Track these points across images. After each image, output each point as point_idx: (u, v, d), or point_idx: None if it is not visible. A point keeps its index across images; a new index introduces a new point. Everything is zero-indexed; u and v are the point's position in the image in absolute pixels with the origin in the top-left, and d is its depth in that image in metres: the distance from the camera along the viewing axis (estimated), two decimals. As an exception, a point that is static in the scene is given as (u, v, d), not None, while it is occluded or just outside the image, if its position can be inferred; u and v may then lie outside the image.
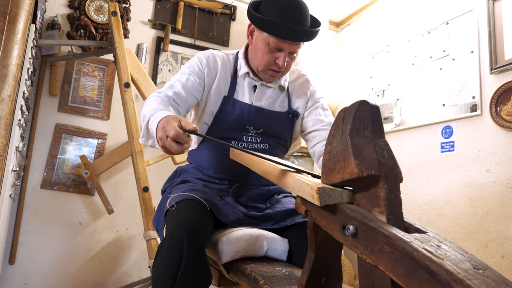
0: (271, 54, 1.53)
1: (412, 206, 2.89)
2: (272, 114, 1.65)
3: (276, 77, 1.63)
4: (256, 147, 1.63)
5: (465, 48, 2.65)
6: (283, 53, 1.53)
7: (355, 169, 0.79)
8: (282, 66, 1.54)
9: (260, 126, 1.62)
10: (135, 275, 3.12)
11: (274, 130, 1.65)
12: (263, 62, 1.56)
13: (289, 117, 1.69)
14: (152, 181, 2.69)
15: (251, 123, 1.61)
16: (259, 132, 1.63)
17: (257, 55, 1.58)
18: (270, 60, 1.54)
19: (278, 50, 1.52)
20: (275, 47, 1.51)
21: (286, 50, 1.52)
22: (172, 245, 1.23)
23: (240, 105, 1.61)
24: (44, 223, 2.89)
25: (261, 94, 1.66)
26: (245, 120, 1.60)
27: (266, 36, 1.50)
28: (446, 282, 0.55)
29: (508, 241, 2.24)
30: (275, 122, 1.65)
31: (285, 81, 1.71)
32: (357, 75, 3.73)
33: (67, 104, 3.03)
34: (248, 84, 1.66)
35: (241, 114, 1.60)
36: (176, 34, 3.49)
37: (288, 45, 1.51)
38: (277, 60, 1.54)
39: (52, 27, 2.96)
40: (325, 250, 0.98)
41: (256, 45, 1.58)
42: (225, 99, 1.62)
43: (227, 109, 1.61)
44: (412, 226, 0.76)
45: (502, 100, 2.36)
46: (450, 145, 2.68)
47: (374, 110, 0.87)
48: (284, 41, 1.49)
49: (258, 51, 1.56)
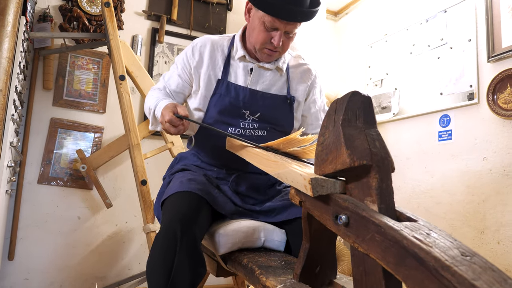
0: (267, 33, 1.52)
1: (410, 195, 2.90)
2: (267, 96, 1.63)
3: (273, 56, 1.61)
4: (253, 133, 1.60)
5: (463, 36, 2.64)
6: (278, 32, 1.51)
7: (347, 159, 0.80)
8: (277, 45, 1.52)
9: (256, 110, 1.60)
10: (135, 267, 3.13)
11: (271, 115, 1.62)
12: (259, 40, 1.54)
13: (287, 103, 1.67)
14: (150, 174, 2.69)
15: (246, 106, 1.59)
16: (256, 117, 1.61)
17: (253, 33, 1.56)
18: (266, 39, 1.53)
19: (274, 29, 1.51)
20: (270, 26, 1.50)
21: (282, 29, 1.51)
22: (166, 240, 1.24)
23: (235, 88, 1.60)
24: (42, 218, 2.89)
25: (257, 77, 1.64)
26: (239, 103, 1.59)
27: (262, 15, 1.49)
28: (433, 269, 0.56)
29: (504, 227, 2.25)
30: (271, 106, 1.63)
31: (284, 64, 1.69)
32: (355, 65, 3.72)
33: (62, 98, 3.02)
34: (243, 67, 1.64)
35: (235, 97, 1.59)
36: (172, 25, 3.47)
37: (283, 25, 1.49)
38: (273, 40, 1.52)
39: (43, 19, 2.92)
40: (319, 240, 0.99)
41: (252, 24, 1.57)
42: (219, 82, 1.61)
43: (221, 92, 1.60)
44: (404, 215, 0.76)
45: (499, 88, 2.35)
46: (447, 133, 2.69)
47: (366, 101, 0.87)
48: (279, 20, 1.47)
49: (255, 29, 1.55)
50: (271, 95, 1.64)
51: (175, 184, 1.47)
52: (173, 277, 1.20)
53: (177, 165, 1.69)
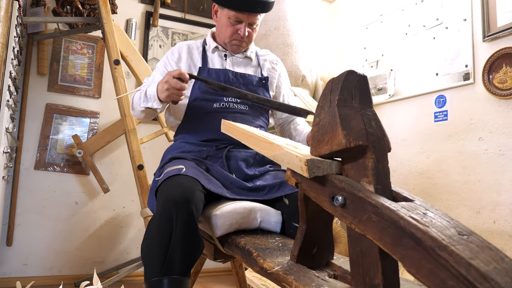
0: (233, 26, 1.75)
1: (406, 176, 2.91)
2: (244, 76, 1.83)
3: (242, 47, 1.83)
4: (236, 107, 1.76)
5: (458, 16, 2.62)
6: (243, 24, 1.74)
7: (343, 140, 0.79)
8: (243, 35, 1.75)
9: (237, 87, 1.75)
10: (134, 252, 3.15)
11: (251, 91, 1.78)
12: (227, 34, 1.77)
13: (262, 83, 1.87)
14: (146, 159, 2.69)
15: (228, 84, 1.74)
16: None
17: (221, 29, 1.79)
18: (233, 32, 1.76)
19: (238, 22, 1.74)
20: (235, 19, 1.73)
21: (246, 21, 1.74)
22: (162, 219, 1.26)
23: (216, 71, 1.79)
24: (40, 204, 2.90)
25: (232, 61, 1.86)
26: (221, 82, 1.74)
27: (227, 11, 1.73)
28: (430, 249, 0.56)
29: (499, 207, 2.27)
30: (249, 84, 1.82)
31: (252, 53, 1.91)
32: (351, 46, 3.69)
33: (57, 83, 3.00)
34: (218, 55, 1.86)
35: (217, 78, 1.76)
36: (166, 8, 3.43)
37: (246, 17, 1.72)
38: (239, 31, 1.75)
39: (36, 4, 2.88)
40: (316, 221, 0.99)
41: (220, 22, 1.80)
42: (200, 70, 1.79)
43: (203, 75, 1.76)
44: (400, 195, 0.77)
45: (495, 68, 2.34)
46: (443, 114, 2.68)
47: (361, 80, 0.87)
48: (242, 13, 1.70)
49: (222, 26, 1.78)
50: (248, 75, 1.84)
51: (165, 172, 1.51)
52: (169, 257, 1.21)
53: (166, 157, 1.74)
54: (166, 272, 1.21)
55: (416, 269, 0.59)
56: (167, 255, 1.21)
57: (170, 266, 1.21)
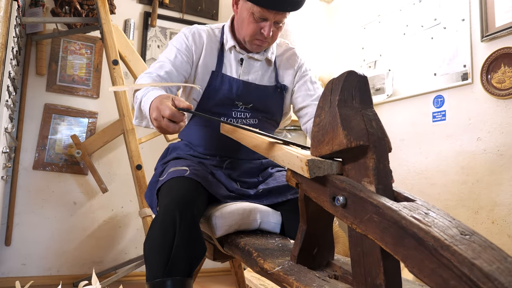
0: (256, 23, 1.51)
1: (404, 176, 2.91)
2: (260, 88, 1.64)
3: (263, 46, 1.61)
4: (245, 122, 1.62)
5: (456, 16, 2.62)
6: (268, 22, 1.50)
7: (343, 140, 0.79)
8: (267, 36, 1.52)
9: (249, 101, 1.61)
10: (132, 252, 3.15)
11: (263, 105, 1.64)
12: (248, 32, 1.53)
13: (278, 91, 1.68)
14: (145, 159, 2.69)
15: (240, 98, 1.60)
16: (249, 107, 1.62)
17: (242, 25, 1.55)
18: (256, 30, 1.52)
19: (263, 19, 1.50)
20: (259, 16, 1.48)
21: (271, 19, 1.49)
22: (165, 221, 1.24)
23: (229, 80, 1.60)
24: (38, 204, 2.89)
25: (248, 67, 1.65)
26: (233, 95, 1.59)
27: (250, 6, 1.47)
28: (433, 249, 0.56)
29: (498, 207, 2.27)
30: (263, 97, 1.64)
31: (272, 54, 1.69)
32: (349, 46, 3.69)
33: (55, 83, 2.99)
34: (234, 57, 1.64)
35: (229, 89, 1.59)
36: (164, 9, 3.42)
37: (272, 15, 1.48)
38: (262, 30, 1.51)
39: (35, 4, 2.88)
40: (316, 222, 0.99)
41: (241, 15, 1.55)
42: (213, 74, 1.60)
43: (216, 84, 1.59)
44: (401, 195, 0.77)
45: (493, 68, 2.35)
46: (441, 114, 2.69)
47: (362, 80, 0.87)
48: (268, 10, 1.46)
49: (244, 21, 1.53)
50: (263, 87, 1.65)
51: (170, 171, 1.48)
52: (172, 258, 1.20)
53: (170, 155, 1.69)
54: (169, 273, 1.19)
55: (418, 269, 0.59)
56: (170, 256, 1.20)
57: (173, 267, 1.20)
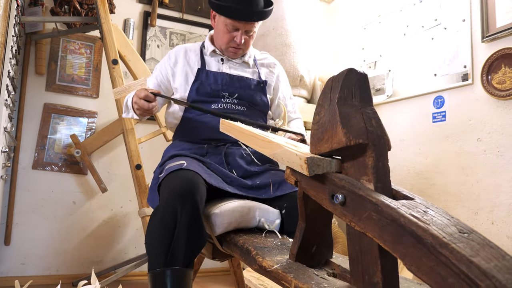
0: (230, 33, 1.77)
1: (404, 177, 2.91)
2: (242, 79, 1.84)
3: (238, 53, 1.85)
4: (234, 108, 1.78)
5: (456, 16, 2.62)
6: (239, 32, 1.76)
7: (343, 138, 0.79)
8: (239, 43, 1.77)
9: (234, 91, 1.80)
10: (131, 252, 3.14)
11: (247, 95, 1.82)
12: (224, 41, 1.80)
13: (260, 86, 1.88)
14: (144, 159, 2.69)
15: (225, 89, 1.79)
16: (234, 98, 1.80)
17: (218, 35, 1.82)
18: (229, 38, 1.78)
19: (235, 29, 1.76)
20: (231, 27, 1.75)
21: (242, 29, 1.75)
22: (166, 212, 1.28)
23: (213, 74, 1.81)
24: (38, 203, 2.89)
25: (229, 64, 1.88)
26: (218, 86, 1.78)
27: (224, 19, 1.74)
28: (431, 246, 0.56)
29: (497, 207, 2.27)
30: (246, 88, 1.83)
31: (250, 58, 1.92)
32: (349, 47, 3.69)
33: (55, 83, 2.99)
34: (215, 59, 1.88)
35: (215, 81, 1.79)
36: (164, 9, 3.42)
37: (242, 25, 1.74)
38: (235, 38, 1.77)
39: (35, 3, 2.88)
40: (315, 220, 0.99)
41: (217, 27, 1.82)
42: (199, 71, 1.81)
43: (202, 78, 1.79)
44: (400, 193, 0.76)
45: (494, 69, 2.35)
46: (441, 115, 2.68)
47: (362, 78, 0.87)
48: (238, 21, 1.72)
49: (219, 32, 1.80)
50: (246, 78, 1.86)
51: (167, 167, 1.53)
52: (172, 249, 1.24)
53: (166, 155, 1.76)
54: (169, 263, 1.23)
55: (416, 266, 0.58)
56: (170, 246, 1.24)
57: (174, 257, 1.24)
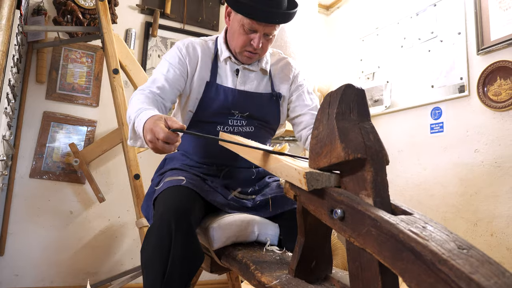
0: (246, 35, 1.54)
1: (403, 188, 2.91)
2: (255, 96, 1.66)
3: (253, 58, 1.63)
4: (241, 130, 1.62)
5: (452, 29, 2.65)
6: (257, 34, 1.53)
7: (341, 152, 0.80)
8: (257, 47, 1.55)
9: (245, 109, 1.63)
10: (128, 263, 3.12)
11: (259, 113, 1.65)
12: (239, 43, 1.57)
13: (273, 100, 1.70)
14: (143, 169, 2.68)
15: (236, 107, 1.62)
16: (245, 115, 1.63)
17: (233, 36, 1.59)
18: (246, 41, 1.55)
19: (253, 31, 1.53)
20: (249, 28, 1.52)
21: (261, 31, 1.52)
22: (162, 230, 1.24)
23: (224, 90, 1.62)
24: (34, 212, 2.87)
25: (244, 77, 1.67)
26: (229, 104, 1.60)
27: (241, 18, 1.51)
28: (431, 263, 0.56)
29: (496, 219, 2.27)
30: (259, 105, 1.66)
31: (267, 64, 1.72)
32: (347, 58, 3.72)
33: (55, 91, 2.99)
34: (230, 68, 1.66)
35: (225, 99, 1.60)
36: (165, 19, 3.45)
37: (262, 27, 1.51)
38: (252, 42, 1.54)
39: (37, 13, 2.90)
40: (314, 234, 0.99)
41: (232, 27, 1.59)
42: (207, 85, 1.61)
43: (211, 94, 1.61)
44: (399, 208, 0.77)
45: (489, 81, 2.37)
46: (439, 126, 2.70)
47: (359, 94, 0.87)
48: (257, 22, 1.49)
49: (235, 32, 1.57)
50: (259, 94, 1.67)
51: (165, 181, 1.48)
52: (169, 269, 1.20)
53: (166, 166, 1.70)
54: (166, 285, 1.19)
55: (416, 283, 0.59)
56: (166, 267, 1.21)
57: (170, 278, 1.20)
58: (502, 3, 2.33)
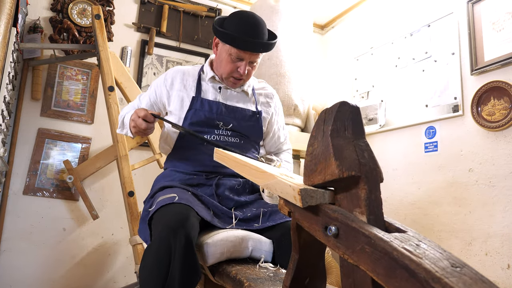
0: (233, 63, 1.72)
1: (397, 206, 2.91)
2: (238, 109, 1.81)
3: (238, 84, 1.81)
4: (227, 140, 1.75)
5: (446, 50, 2.69)
6: (243, 62, 1.72)
7: (336, 170, 0.80)
8: (243, 73, 1.73)
9: (229, 121, 1.76)
10: (121, 281, 3.08)
11: (242, 127, 1.79)
12: (226, 70, 1.74)
13: (256, 117, 1.85)
14: (137, 186, 2.67)
15: (220, 118, 1.76)
16: (228, 128, 1.76)
17: (221, 64, 1.76)
18: (233, 68, 1.73)
19: (239, 59, 1.72)
20: (236, 57, 1.71)
21: (247, 59, 1.72)
22: (160, 249, 1.26)
23: (209, 102, 1.77)
24: (27, 230, 2.84)
25: (226, 94, 1.83)
26: (213, 115, 1.75)
27: (228, 48, 1.70)
28: (424, 281, 0.56)
29: (491, 238, 2.27)
30: (242, 119, 1.80)
31: (249, 87, 1.89)
32: (342, 77, 3.75)
33: (50, 108, 3.00)
34: (213, 86, 1.83)
35: (209, 110, 1.75)
36: (161, 37, 3.48)
37: (248, 55, 1.70)
38: (239, 69, 1.73)
39: (34, 30, 2.92)
40: (308, 251, 0.98)
41: (220, 56, 1.76)
42: (193, 99, 1.77)
43: (197, 107, 1.75)
44: (393, 225, 0.77)
45: (483, 101, 2.40)
46: (433, 145, 2.72)
47: (354, 111, 0.88)
48: (244, 51, 1.69)
49: (222, 60, 1.75)
50: (242, 109, 1.82)
51: (158, 201, 1.51)
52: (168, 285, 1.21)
53: (156, 185, 1.75)
54: None
55: (410, 301, 0.58)
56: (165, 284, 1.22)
57: None
58: (495, 24, 2.37)
